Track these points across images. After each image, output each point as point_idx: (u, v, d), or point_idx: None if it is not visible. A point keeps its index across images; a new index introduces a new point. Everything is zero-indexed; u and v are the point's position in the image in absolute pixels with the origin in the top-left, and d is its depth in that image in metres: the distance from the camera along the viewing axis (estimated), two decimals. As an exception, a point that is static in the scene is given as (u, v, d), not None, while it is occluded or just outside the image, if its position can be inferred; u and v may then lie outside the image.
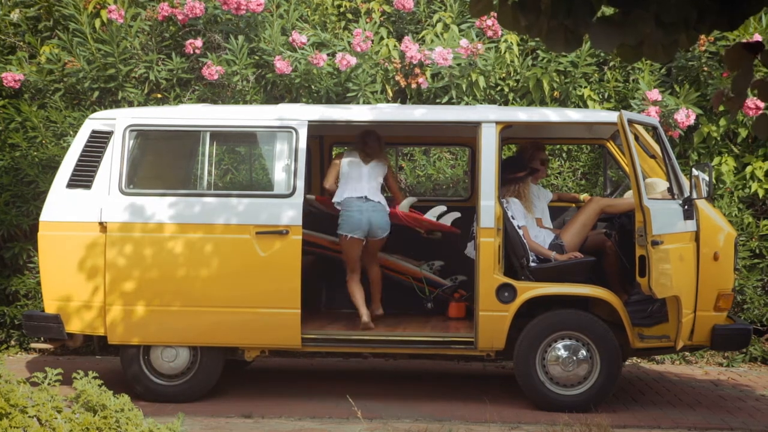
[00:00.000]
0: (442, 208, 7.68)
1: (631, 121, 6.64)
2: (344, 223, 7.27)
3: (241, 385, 7.62)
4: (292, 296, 6.85)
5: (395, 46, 8.84)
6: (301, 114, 7.08)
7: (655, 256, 6.35)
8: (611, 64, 8.94)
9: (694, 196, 6.65)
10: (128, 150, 7.04)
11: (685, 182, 6.82)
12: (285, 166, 7.01)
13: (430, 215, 7.61)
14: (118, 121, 7.09)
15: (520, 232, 6.98)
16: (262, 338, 6.97)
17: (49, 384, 4.51)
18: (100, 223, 6.96)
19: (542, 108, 8.08)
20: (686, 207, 6.74)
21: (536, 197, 7.61)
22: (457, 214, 7.63)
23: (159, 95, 8.98)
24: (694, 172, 6.64)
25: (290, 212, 6.89)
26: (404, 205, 7.55)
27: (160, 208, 6.95)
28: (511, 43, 8.76)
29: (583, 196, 8.39)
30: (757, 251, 8.76)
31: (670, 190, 6.82)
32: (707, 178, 6.73)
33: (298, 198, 6.91)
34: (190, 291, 6.89)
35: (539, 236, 7.20)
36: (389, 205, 7.43)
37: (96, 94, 8.98)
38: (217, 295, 6.89)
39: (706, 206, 6.94)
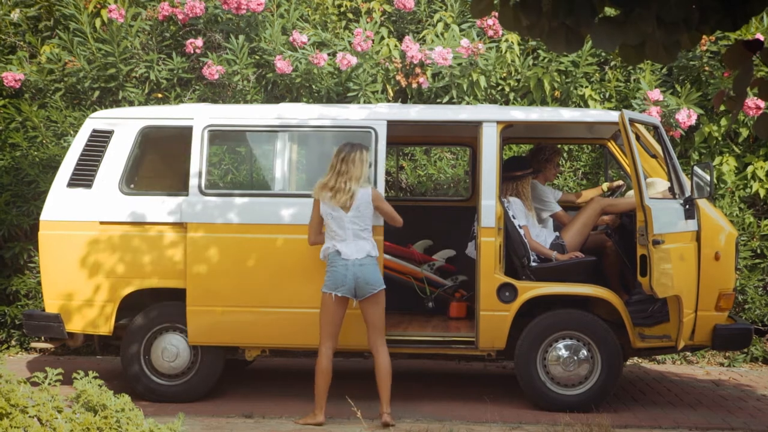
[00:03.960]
0: (451, 252, 7.98)
1: (632, 121, 6.63)
2: None
3: (242, 385, 7.61)
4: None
5: (396, 45, 8.83)
6: (301, 113, 7.07)
7: (656, 256, 6.34)
8: (612, 63, 8.93)
9: (695, 195, 6.64)
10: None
11: (686, 182, 6.81)
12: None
13: (440, 257, 7.95)
14: (119, 120, 7.09)
15: (521, 231, 6.97)
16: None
17: (49, 384, 4.50)
18: (101, 223, 6.96)
19: (543, 108, 8.07)
20: (687, 206, 6.73)
21: (547, 195, 7.59)
22: (451, 252, 8.00)
23: (159, 95, 8.98)
24: (696, 171, 6.64)
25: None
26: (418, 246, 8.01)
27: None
28: (511, 42, 8.75)
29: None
30: (758, 251, 8.75)
31: (671, 189, 6.82)
32: (708, 178, 6.73)
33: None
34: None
35: (540, 236, 7.20)
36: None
37: (96, 93, 8.98)
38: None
39: (707, 206, 6.93)
